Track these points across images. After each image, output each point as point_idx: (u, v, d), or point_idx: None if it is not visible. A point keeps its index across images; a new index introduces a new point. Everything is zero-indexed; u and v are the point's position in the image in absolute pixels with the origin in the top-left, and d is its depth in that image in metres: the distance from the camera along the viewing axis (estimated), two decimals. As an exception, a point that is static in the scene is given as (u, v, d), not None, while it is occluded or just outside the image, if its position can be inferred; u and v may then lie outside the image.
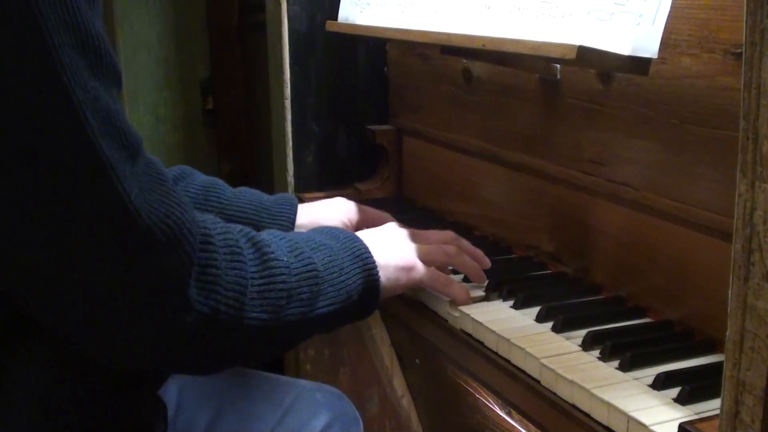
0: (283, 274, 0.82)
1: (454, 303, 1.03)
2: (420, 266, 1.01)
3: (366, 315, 0.96)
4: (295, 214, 1.16)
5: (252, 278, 0.78)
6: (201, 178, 1.15)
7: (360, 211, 1.22)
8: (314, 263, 0.86)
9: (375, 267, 0.94)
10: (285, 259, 0.83)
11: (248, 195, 1.15)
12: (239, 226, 0.82)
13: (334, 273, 0.89)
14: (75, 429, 0.79)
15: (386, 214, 1.23)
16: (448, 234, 1.10)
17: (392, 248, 1.00)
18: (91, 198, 0.65)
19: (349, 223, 1.20)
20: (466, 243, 1.10)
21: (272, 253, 0.82)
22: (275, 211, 1.14)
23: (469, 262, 1.07)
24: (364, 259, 0.93)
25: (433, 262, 1.03)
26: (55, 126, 0.63)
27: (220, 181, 1.15)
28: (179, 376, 1.06)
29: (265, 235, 0.85)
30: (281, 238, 0.87)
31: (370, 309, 0.96)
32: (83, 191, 0.65)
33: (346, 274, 0.90)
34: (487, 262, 1.10)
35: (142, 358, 0.76)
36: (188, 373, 0.96)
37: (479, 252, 1.10)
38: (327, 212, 1.20)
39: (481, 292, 1.06)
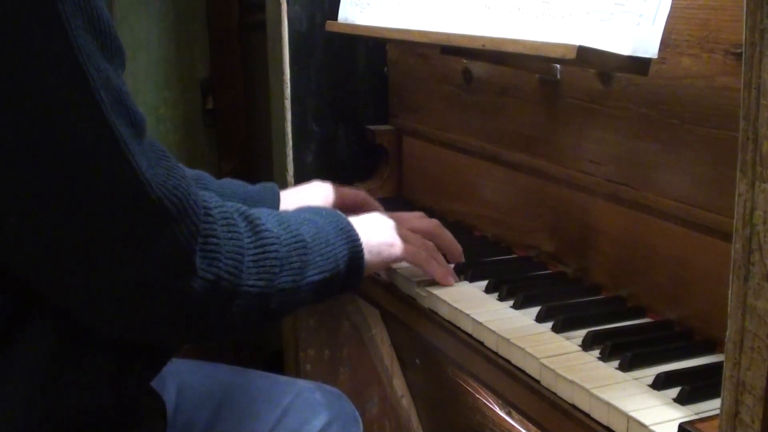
0: (275, 244, 0.86)
1: (438, 282, 1.08)
2: (401, 242, 1.06)
3: (352, 286, 1.01)
4: (278, 201, 1.22)
5: (247, 248, 0.82)
6: (188, 170, 1.17)
7: (336, 190, 1.28)
8: (302, 235, 0.91)
9: (358, 239, 0.99)
10: (275, 230, 0.88)
11: (233, 185, 1.21)
12: (230, 203, 0.85)
13: (321, 244, 0.94)
14: (74, 427, 0.79)
15: (361, 192, 1.30)
16: (433, 221, 1.14)
17: (373, 226, 1.05)
18: (106, 172, 0.69)
19: (327, 204, 1.25)
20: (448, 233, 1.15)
21: (263, 224, 0.86)
22: (259, 199, 1.20)
23: (448, 240, 1.13)
24: (347, 231, 0.98)
25: (413, 245, 1.08)
26: (72, 103, 0.67)
27: (204, 173, 1.20)
28: (178, 374, 1.06)
29: (254, 210, 0.89)
30: (269, 214, 0.91)
31: (356, 280, 1.00)
32: (99, 165, 0.68)
33: (332, 245, 0.95)
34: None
35: (151, 328, 0.79)
36: (192, 342, 1.00)
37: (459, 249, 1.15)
38: (306, 195, 1.25)
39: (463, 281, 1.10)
